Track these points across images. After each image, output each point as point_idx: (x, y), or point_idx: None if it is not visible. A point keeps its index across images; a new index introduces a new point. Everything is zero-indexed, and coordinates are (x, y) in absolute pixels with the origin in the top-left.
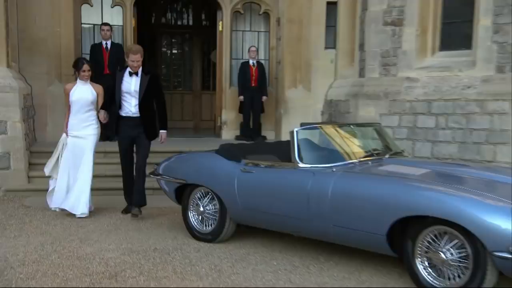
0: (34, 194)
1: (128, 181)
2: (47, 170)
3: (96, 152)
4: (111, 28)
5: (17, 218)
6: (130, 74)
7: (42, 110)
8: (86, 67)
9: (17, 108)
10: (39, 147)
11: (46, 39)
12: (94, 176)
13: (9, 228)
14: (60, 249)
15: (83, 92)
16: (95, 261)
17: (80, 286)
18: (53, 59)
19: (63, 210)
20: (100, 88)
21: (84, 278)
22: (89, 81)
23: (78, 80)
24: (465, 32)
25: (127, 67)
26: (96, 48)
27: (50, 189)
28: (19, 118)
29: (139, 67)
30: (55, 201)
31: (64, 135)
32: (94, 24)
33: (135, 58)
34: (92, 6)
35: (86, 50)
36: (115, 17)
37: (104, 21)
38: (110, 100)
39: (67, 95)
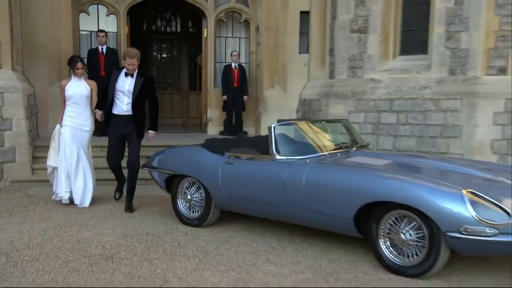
0: (37, 185)
1: (116, 170)
2: (50, 162)
3: (93, 147)
4: (106, 34)
5: (22, 206)
6: (126, 74)
7: (44, 109)
8: (80, 64)
9: (21, 107)
10: (42, 142)
11: (47, 45)
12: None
13: (15, 215)
14: (61, 234)
15: (78, 87)
16: (93, 244)
17: (79, 267)
18: (54, 63)
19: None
20: (94, 83)
21: (83, 260)
22: (82, 77)
23: (73, 77)
24: (421, 39)
25: (123, 67)
26: (93, 53)
27: (49, 171)
28: (23, 116)
29: (134, 70)
30: (59, 188)
31: (58, 126)
32: (91, 31)
33: (131, 62)
34: (89, 14)
35: (84, 54)
36: (110, 24)
37: (100, 28)
38: (104, 98)
39: (62, 90)
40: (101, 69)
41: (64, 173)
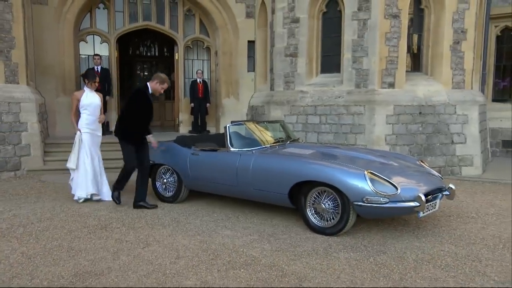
0: (47, 173)
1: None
2: (71, 165)
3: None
4: (101, 57)
5: (36, 189)
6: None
7: (52, 114)
8: (97, 78)
9: (34, 113)
10: (51, 140)
11: (55, 66)
12: None
13: (30, 196)
14: (66, 210)
15: (93, 98)
16: (91, 217)
17: (80, 235)
18: (59, 79)
19: (90, 198)
20: (100, 95)
21: (83, 229)
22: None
23: (86, 88)
24: (335, 62)
25: (145, 88)
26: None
27: (71, 178)
28: (36, 120)
29: None
30: (81, 191)
31: (78, 133)
32: (88, 55)
33: (166, 87)
34: (87, 42)
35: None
36: (103, 49)
37: (95, 53)
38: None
39: (77, 100)
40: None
41: (90, 175)
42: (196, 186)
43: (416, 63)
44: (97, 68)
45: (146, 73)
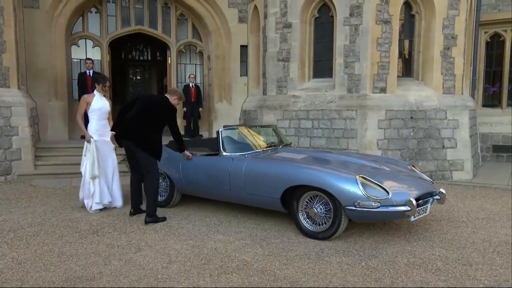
0: (38, 177)
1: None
2: (95, 172)
3: None
4: (93, 61)
5: (27, 194)
6: None
7: (44, 118)
8: (108, 83)
9: (25, 117)
10: (42, 144)
11: (46, 69)
12: None
13: (21, 201)
14: (57, 215)
15: (103, 102)
16: (82, 222)
17: (71, 240)
18: (52, 83)
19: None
20: (109, 100)
21: (74, 234)
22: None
23: (96, 92)
24: (328, 66)
25: (168, 100)
26: (82, 75)
27: (93, 191)
28: (27, 124)
29: None
30: (98, 198)
31: (92, 140)
32: (80, 59)
33: (180, 102)
34: (79, 46)
35: (75, 77)
36: (95, 53)
37: (87, 57)
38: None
39: (87, 104)
40: (88, 88)
41: (103, 183)
42: (189, 190)
43: (407, 68)
44: (89, 72)
45: (138, 77)
